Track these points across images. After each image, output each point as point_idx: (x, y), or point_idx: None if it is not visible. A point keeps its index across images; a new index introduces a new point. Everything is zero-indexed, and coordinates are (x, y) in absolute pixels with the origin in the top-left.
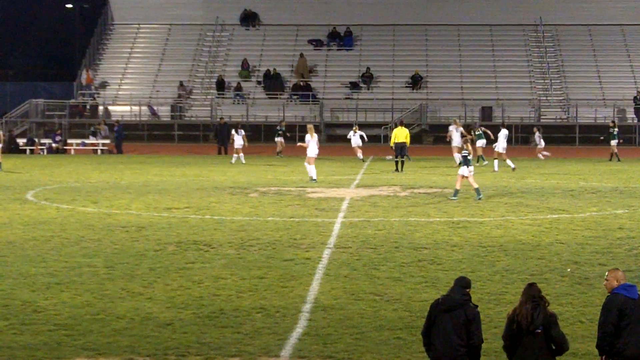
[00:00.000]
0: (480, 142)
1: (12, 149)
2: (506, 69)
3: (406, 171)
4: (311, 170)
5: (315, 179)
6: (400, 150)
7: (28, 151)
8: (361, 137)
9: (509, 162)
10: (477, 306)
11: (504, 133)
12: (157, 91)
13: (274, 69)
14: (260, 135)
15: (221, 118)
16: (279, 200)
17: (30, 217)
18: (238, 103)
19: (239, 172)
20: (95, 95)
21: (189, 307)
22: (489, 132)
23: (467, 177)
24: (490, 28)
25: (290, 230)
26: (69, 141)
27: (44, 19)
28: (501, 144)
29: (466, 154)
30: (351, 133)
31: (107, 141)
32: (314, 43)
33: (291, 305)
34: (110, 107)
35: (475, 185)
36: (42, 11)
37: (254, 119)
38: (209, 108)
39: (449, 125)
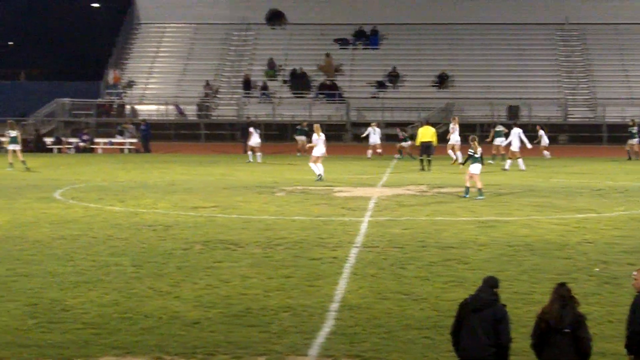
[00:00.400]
0: (499, 141)
1: (39, 148)
2: (533, 68)
3: (433, 170)
4: (317, 168)
5: (321, 178)
6: (426, 149)
7: (55, 150)
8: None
9: (519, 162)
10: (505, 305)
11: (516, 132)
12: (184, 90)
13: (300, 68)
14: (287, 134)
15: (248, 117)
16: (305, 199)
17: (58, 216)
18: (264, 102)
19: (265, 172)
20: (122, 95)
21: (217, 306)
22: (506, 130)
23: (477, 174)
24: (517, 27)
25: (317, 229)
26: (96, 140)
27: (70, 19)
28: (515, 143)
29: (472, 153)
30: (370, 130)
31: (134, 140)
32: (340, 42)
33: (318, 305)
34: (137, 107)
35: (480, 185)
36: (69, 11)
37: (281, 118)
38: (236, 107)
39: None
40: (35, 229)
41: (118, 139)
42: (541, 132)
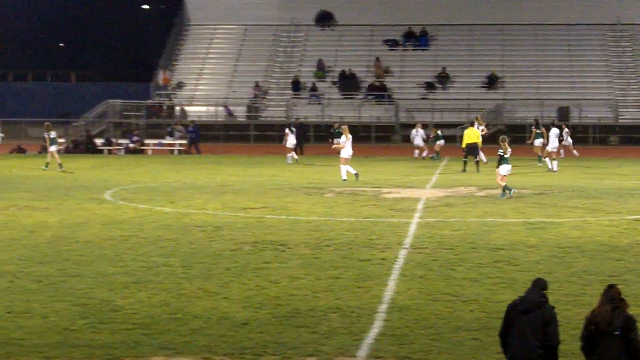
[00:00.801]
0: (538, 142)
1: (89, 149)
2: (583, 69)
3: (482, 171)
4: (345, 170)
5: (345, 179)
6: (472, 151)
7: (106, 151)
8: (426, 136)
9: (554, 163)
10: (554, 307)
11: (554, 132)
12: (233, 91)
13: (349, 69)
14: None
15: (297, 118)
16: (354, 200)
17: (108, 217)
18: (313, 103)
19: (314, 173)
20: (172, 96)
21: (266, 306)
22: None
23: (505, 175)
24: (568, 27)
25: (365, 230)
26: (146, 141)
27: (120, 20)
28: (552, 144)
29: (501, 153)
30: (413, 132)
31: (184, 141)
32: (389, 43)
33: (367, 306)
34: (186, 108)
35: (503, 184)
36: (119, 12)
37: (329, 119)
38: (285, 108)
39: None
40: (86, 230)
41: (168, 140)
42: (566, 132)
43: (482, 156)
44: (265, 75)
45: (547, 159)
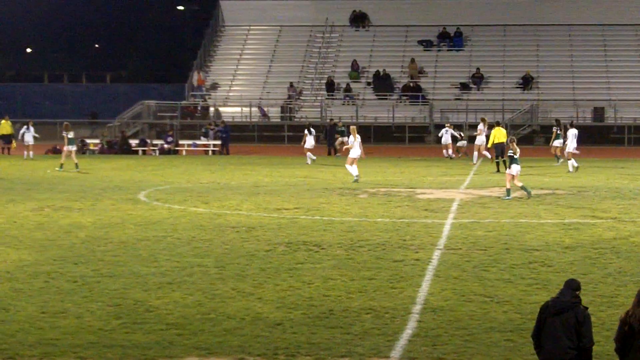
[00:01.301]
0: (558, 142)
1: (124, 150)
2: (619, 69)
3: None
4: (353, 170)
5: (357, 180)
6: (501, 150)
7: (140, 152)
8: (452, 136)
9: (572, 162)
10: (587, 308)
11: (572, 133)
12: (267, 92)
13: (384, 70)
14: (371, 136)
15: (331, 119)
16: (388, 201)
17: (143, 218)
18: (347, 104)
19: (348, 174)
20: (206, 97)
21: (299, 307)
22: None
23: (516, 175)
24: (602, 28)
25: (399, 231)
26: (180, 142)
27: (155, 22)
28: (571, 144)
29: (512, 154)
30: (443, 131)
31: (218, 142)
32: (423, 44)
33: (401, 307)
34: (221, 108)
35: (520, 184)
36: (154, 14)
37: (364, 119)
38: (319, 109)
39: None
40: (120, 230)
41: (202, 141)
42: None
43: (487, 154)
44: (299, 76)
45: (570, 160)
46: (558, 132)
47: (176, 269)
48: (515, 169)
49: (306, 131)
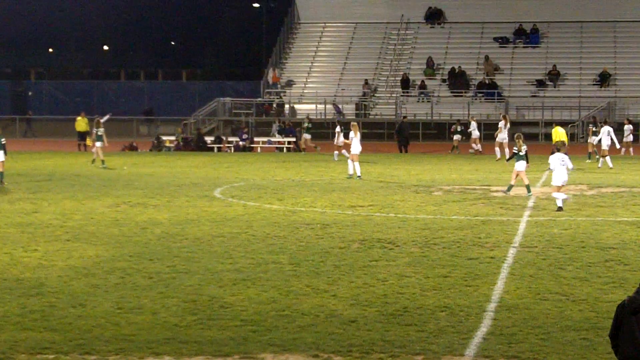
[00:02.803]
0: (593, 139)
1: (200, 147)
2: None
3: (592, 170)
4: (355, 167)
5: (351, 177)
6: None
7: (215, 149)
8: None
9: (607, 160)
10: None
11: (606, 130)
12: (342, 89)
13: (459, 67)
14: (445, 133)
15: (404, 117)
16: (463, 198)
17: (218, 214)
18: (422, 101)
19: (423, 171)
20: (282, 94)
21: (373, 304)
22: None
23: (522, 171)
24: None
25: (474, 229)
26: (255, 139)
27: (231, 19)
28: (605, 142)
29: (516, 150)
30: (473, 124)
31: (293, 139)
32: (499, 40)
33: (475, 304)
34: (296, 106)
35: (527, 182)
36: (230, 11)
37: (439, 117)
38: (394, 106)
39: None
40: (195, 227)
41: (277, 138)
42: (627, 127)
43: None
44: (374, 73)
45: (606, 158)
46: (594, 129)
47: (251, 265)
48: (520, 165)
49: (338, 128)
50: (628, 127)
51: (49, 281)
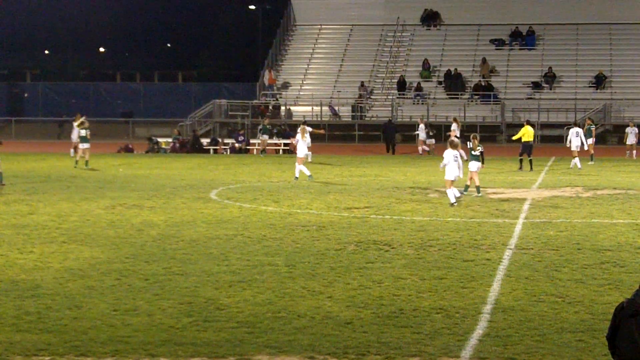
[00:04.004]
0: (590, 140)
1: (196, 148)
2: None
3: (589, 172)
4: (302, 169)
5: (297, 177)
6: (528, 149)
7: (212, 151)
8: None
9: (576, 161)
10: None
11: (574, 131)
12: (338, 91)
13: (455, 69)
14: (442, 135)
15: (389, 119)
16: (459, 200)
17: (214, 216)
18: (418, 103)
19: (419, 173)
20: (278, 96)
21: (369, 306)
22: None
23: (475, 172)
24: None
25: (470, 230)
26: (252, 141)
27: (227, 21)
28: (574, 143)
29: (480, 151)
30: (421, 126)
31: (289, 141)
32: (495, 43)
33: (471, 306)
34: (292, 108)
35: (477, 183)
36: (226, 13)
37: (435, 119)
38: (390, 108)
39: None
40: (191, 229)
41: (273, 140)
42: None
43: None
44: (370, 75)
45: (576, 159)
46: (587, 128)
47: (247, 267)
48: (473, 166)
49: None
50: (633, 130)
51: (45, 283)
